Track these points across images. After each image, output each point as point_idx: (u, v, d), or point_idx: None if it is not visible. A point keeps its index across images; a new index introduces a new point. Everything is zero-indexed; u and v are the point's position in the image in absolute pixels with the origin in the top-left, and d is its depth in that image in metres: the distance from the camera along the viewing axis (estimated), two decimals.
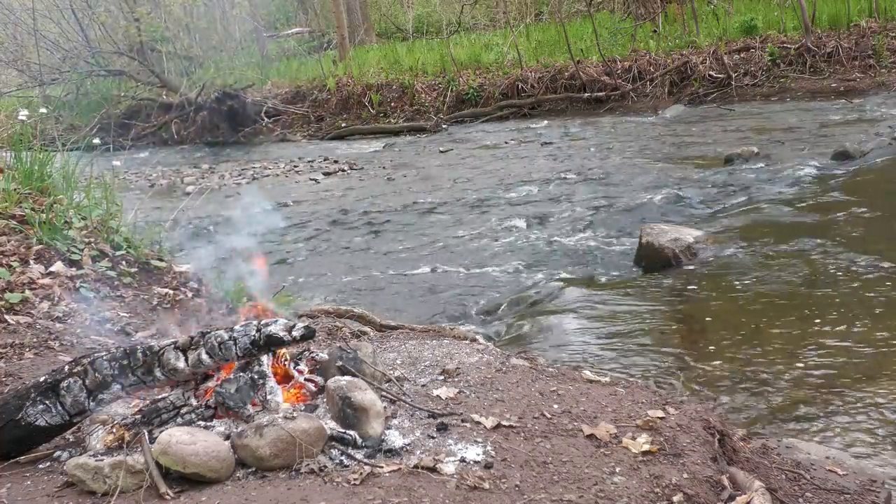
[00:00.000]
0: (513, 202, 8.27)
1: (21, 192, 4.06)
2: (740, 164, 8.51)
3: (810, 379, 3.55)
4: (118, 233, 4.01)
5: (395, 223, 7.90)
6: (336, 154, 12.96)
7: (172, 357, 2.21)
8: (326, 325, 3.50)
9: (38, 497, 1.98)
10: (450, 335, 3.40)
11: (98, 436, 2.13)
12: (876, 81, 12.78)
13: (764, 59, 13.82)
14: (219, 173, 11.92)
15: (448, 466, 2.03)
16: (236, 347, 2.19)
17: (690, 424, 2.31)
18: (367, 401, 2.19)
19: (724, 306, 4.61)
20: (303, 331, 2.20)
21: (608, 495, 1.95)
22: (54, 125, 13.70)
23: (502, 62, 16.18)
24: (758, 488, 2.13)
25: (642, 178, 8.54)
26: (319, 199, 9.42)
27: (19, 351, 2.93)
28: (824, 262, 5.09)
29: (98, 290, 3.54)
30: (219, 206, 9.16)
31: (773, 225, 6.30)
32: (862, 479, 2.39)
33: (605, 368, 3.77)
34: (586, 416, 2.34)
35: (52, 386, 2.19)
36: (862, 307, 4.30)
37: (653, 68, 14.47)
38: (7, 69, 19.72)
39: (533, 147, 11.67)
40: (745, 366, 3.75)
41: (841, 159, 8.19)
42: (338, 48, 19.88)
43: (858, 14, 14.47)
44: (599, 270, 5.76)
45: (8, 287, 3.32)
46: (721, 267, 5.31)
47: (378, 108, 16.03)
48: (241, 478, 2.00)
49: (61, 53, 18.24)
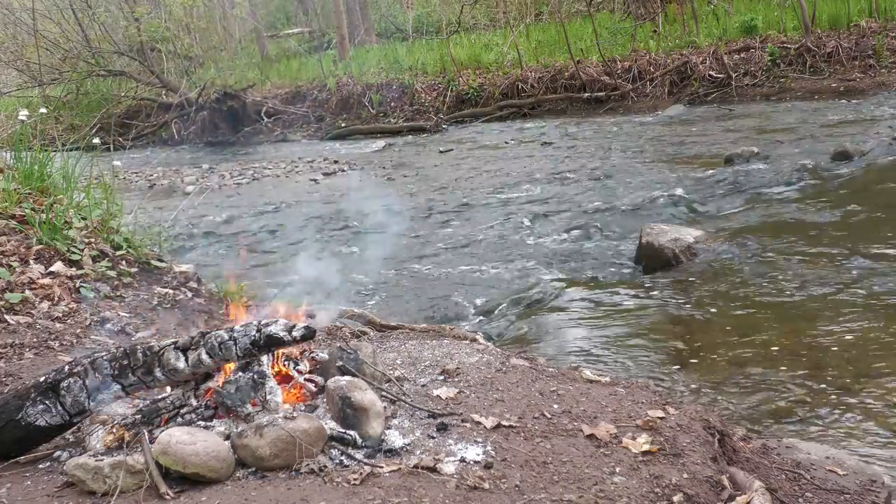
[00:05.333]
0: (513, 202, 8.26)
1: (21, 192, 4.06)
2: (740, 164, 8.50)
3: (810, 379, 3.55)
4: (118, 233, 4.01)
5: (395, 223, 7.90)
6: (336, 154, 12.96)
7: (172, 357, 2.21)
8: (326, 325, 3.50)
9: (38, 497, 1.98)
10: (450, 335, 3.40)
11: (98, 436, 2.13)
12: (876, 81, 12.77)
13: (764, 59, 13.80)
14: (219, 173, 11.91)
15: (448, 466, 2.03)
16: (236, 347, 2.19)
17: (690, 424, 2.31)
18: (367, 401, 2.19)
19: (724, 306, 4.61)
20: (303, 331, 2.20)
21: (608, 495, 1.95)
22: (54, 125, 13.70)
23: (502, 62, 16.17)
24: (758, 488, 2.13)
25: (642, 178, 8.53)
26: (319, 199, 9.42)
27: (19, 351, 2.93)
28: (824, 262, 5.09)
29: (98, 290, 3.53)
30: (219, 206, 9.16)
31: (774, 225, 6.30)
32: (862, 479, 2.39)
33: (605, 368, 3.77)
34: (586, 416, 2.34)
35: (52, 386, 2.19)
36: (862, 307, 4.30)
37: (653, 68, 14.46)
38: (7, 69, 19.73)
39: (533, 147, 11.67)
40: (744, 366, 3.75)
41: (841, 159, 8.18)
42: (338, 48, 19.88)
43: (858, 14, 14.45)
44: (599, 270, 5.76)
45: (8, 287, 3.32)
46: (721, 267, 5.31)
47: (378, 108, 16.03)
48: (241, 478, 2.00)
49: (61, 53, 18.24)
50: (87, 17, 17.82)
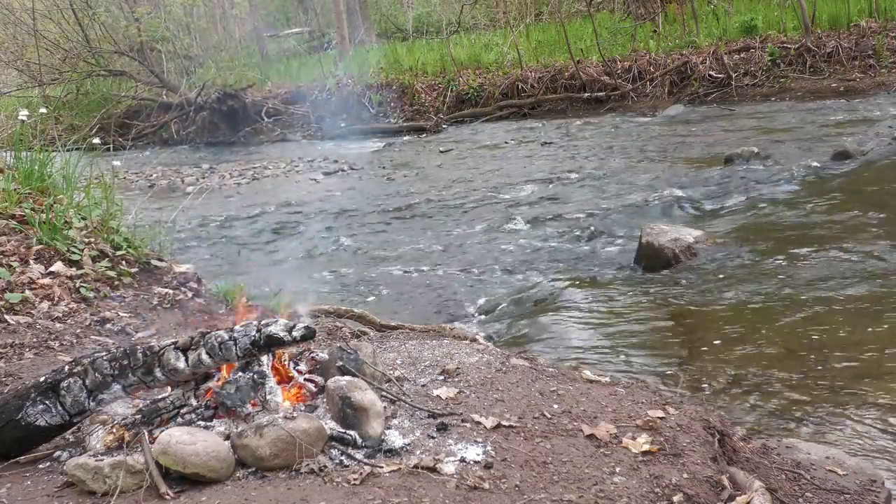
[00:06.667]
0: (513, 202, 8.27)
1: (21, 192, 4.06)
2: (740, 164, 8.50)
3: (810, 379, 3.55)
4: (118, 233, 4.01)
5: (395, 223, 7.90)
6: (336, 154, 12.95)
7: (172, 357, 2.21)
8: (326, 325, 3.50)
9: (38, 497, 1.98)
10: (450, 335, 3.40)
11: (98, 436, 2.13)
12: (876, 81, 12.77)
13: (764, 59, 13.80)
14: (219, 173, 11.91)
15: (448, 466, 2.03)
16: (236, 348, 2.19)
17: (690, 424, 2.31)
18: (367, 401, 2.19)
19: (724, 306, 4.61)
20: (303, 331, 2.20)
21: (608, 495, 1.95)
22: (54, 125, 13.70)
23: (502, 62, 16.17)
24: (758, 488, 2.13)
25: (642, 178, 8.53)
26: (319, 199, 9.41)
27: (19, 351, 2.93)
28: (824, 262, 5.09)
29: (98, 290, 3.53)
30: (219, 206, 9.16)
31: (774, 225, 6.30)
32: (862, 479, 2.39)
33: (605, 368, 3.77)
34: (586, 416, 2.34)
35: (52, 386, 2.19)
36: (862, 307, 4.30)
37: (653, 68, 14.46)
38: (7, 69, 19.73)
39: (533, 147, 11.67)
40: (744, 366, 3.75)
41: (841, 159, 8.18)
42: (338, 48, 19.88)
43: (858, 14, 14.45)
44: (599, 270, 5.76)
45: (8, 287, 3.32)
46: (721, 267, 5.31)
47: (378, 108, 16.03)
48: (241, 478, 2.00)
49: (61, 53, 18.24)
50: (87, 17, 17.82)
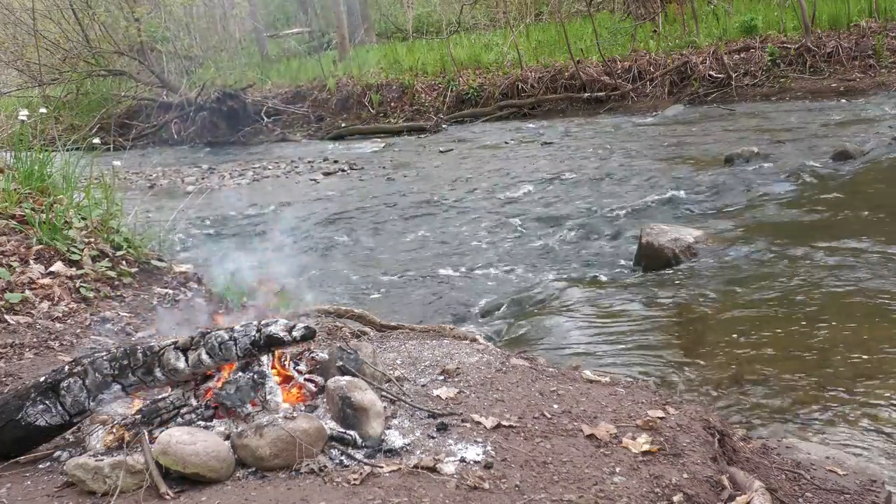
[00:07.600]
0: (513, 202, 8.27)
1: (21, 192, 4.06)
2: (740, 164, 8.50)
3: (810, 379, 3.55)
4: (118, 233, 4.01)
5: (395, 223, 7.90)
6: (336, 154, 12.96)
7: (172, 357, 2.21)
8: (326, 325, 3.50)
9: (38, 497, 1.98)
10: (450, 335, 3.39)
11: (98, 436, 2.13)
12: (876, 81, 12.77)
13: (764, 59, 13.80)
14: (219, 173, 11.91)
15: (448, 466, 2.03)
16: (236, 348, 2.19)
17: (690, 424, 2.31)
18: (367, 401, 2.19)
19: (724, 306, 4.61)
20: (303, 331, 2.20)
21: (608, 495, 1.95)
22: (54, 125, 13.70)
23: (502, 62, 16.17)
24: (758, 488, 2.13)
25: (642, 178, 8.53)
26: (319, 199, 9.41)
27: (19, 351, 2.93)
28: (825, 262, 5.09)
29: (98, 290, 3.53)
30: (219, 207, 9.16)
31: (774, 225, 6.30)
32: (862, 479, 2.39)
33: (605, 368, 3.77)
34: (586, 416, 2.34)
35: (52, 386, 2.19)
36: (862, 307, 4.30)
37: (653, 68, 14.46)
38: (7, 69, 19.73)
39: (533, 147, 11.67)
40: (745, 366, 3.75)
41: (841, 159, 8.18)
42: (338, 48, 19.88)
43: (858, 14, 14.45)
44: (599, 270, 5.76)
45: (8, 287, 3.32)
46: (721, 267, 5.31)
47: (378, 108, 16.03)
48: (241, 478, 2.00)
49: (61, 53, 18.24)
50: (87, 17, 17.82)
